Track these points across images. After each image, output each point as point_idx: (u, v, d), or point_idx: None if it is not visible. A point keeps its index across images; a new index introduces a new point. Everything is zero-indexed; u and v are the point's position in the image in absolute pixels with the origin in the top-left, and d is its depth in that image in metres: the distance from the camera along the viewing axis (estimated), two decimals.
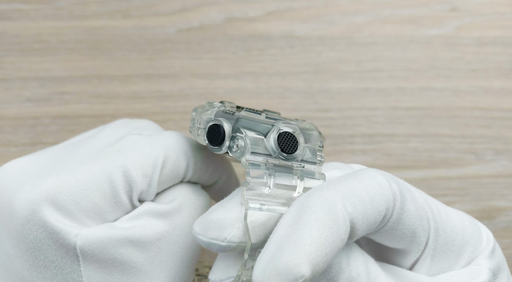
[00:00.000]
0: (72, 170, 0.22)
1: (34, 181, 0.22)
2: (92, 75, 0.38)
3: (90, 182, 0.22)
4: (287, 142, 0.22)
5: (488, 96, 0.37)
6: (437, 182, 0.36)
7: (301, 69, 0.38)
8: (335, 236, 0.18)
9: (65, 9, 0.39)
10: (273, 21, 0.38)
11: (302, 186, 0.22)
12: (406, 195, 0.21)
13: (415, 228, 0.21)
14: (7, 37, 0.38)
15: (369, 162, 0.36)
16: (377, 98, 0.37)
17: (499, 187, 0.36)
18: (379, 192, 0.20)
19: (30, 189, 0.22)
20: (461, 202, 0.36)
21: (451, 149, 0.37)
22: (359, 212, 0.19)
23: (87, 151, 0.24)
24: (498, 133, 0.37)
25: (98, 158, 0.23)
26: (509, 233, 0.35)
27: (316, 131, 0.23)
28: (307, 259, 0.17)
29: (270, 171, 0.21)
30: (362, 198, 0.19)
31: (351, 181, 0.20)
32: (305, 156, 0.22)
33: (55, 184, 0.22)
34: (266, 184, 0.21)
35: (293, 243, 0.17)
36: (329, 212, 0.18)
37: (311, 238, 0.17)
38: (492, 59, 0.38)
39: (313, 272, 0.17)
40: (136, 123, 0.27)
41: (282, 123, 0.22)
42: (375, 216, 0.20)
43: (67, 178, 0.22)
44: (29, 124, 0.37)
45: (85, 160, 0.23)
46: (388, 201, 0.20)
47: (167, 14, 0.39)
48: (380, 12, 0.38)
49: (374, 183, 0.20)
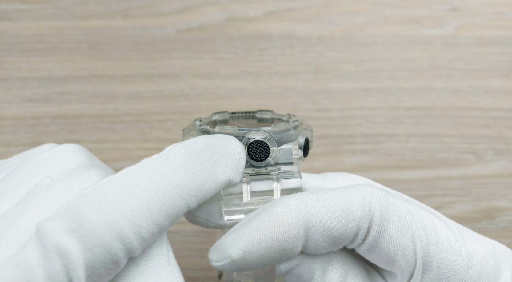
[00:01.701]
0: None
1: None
2: (92, 75, 0.38)
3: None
4: (257, 150, 0.23)
5: (488, 96, 0.37)
6: (437, 182, 0.36)
7: (301, 69, 0.38)
8: (279, 236, 0.20)
9: (65, 9, 0.39)
10: (273, 21, 0.38)
11: (279, 189, 0.23)
12: (391, 220, 0.21)
13: (395, 256, 0.21)
14: (7, 37, 0.38)
15: (369, 162, 0.36)
16: (377, 98, 0.37)
17: (499, 187, 0.36)
18: (350, 211, 0.20)
19: None
20: (461, 202, 0.36)
21: (451, 149, 0.37)
22: (318, 223, 0.20)
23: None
24: (498, 133, 0.37)
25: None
26: (509, 233, 0.35)
27: (294, 130, 0.24)
28: (240, 246, 0.20)
29: (246, 180, 0.23)
30: (328, 212, 0.20)
31: (327, 195, 0.21)
32: (279, 159, 0.23)
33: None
34: (243, 193, 0.23)
35: (238, 230, 0.20)
36: (282, 215, 0.20)
37: (253, 230, 0.20)
38: (492, 59, 0.38)
39: (242, 257, 0.20)
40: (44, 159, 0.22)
41: (253, 132, 0.23)
42: (341, 233, 0.20)
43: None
44: (29, 124, 0.37)
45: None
46: (359, 221, 0.20)
47: (167, 14, 0.39)
48: (380, 12, 0.38)
49: (348, 202, 0.21)
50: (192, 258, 0.27)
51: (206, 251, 0.33)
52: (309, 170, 0.36)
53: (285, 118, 0.26)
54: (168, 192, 0.19)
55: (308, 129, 0.26)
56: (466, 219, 0.35)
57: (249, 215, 0.21)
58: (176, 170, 0.19)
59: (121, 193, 0.18)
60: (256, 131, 0.23)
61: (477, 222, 0.35)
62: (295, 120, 0.25)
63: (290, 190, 0.23)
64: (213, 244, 0.21)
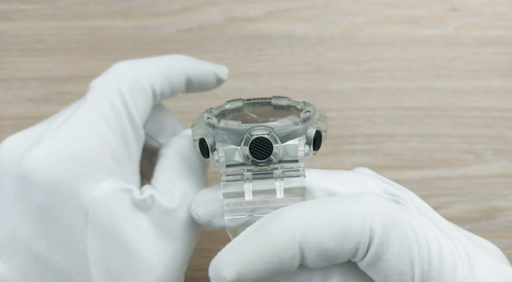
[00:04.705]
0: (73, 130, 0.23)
1: (39, 145, 0.23)
2: (92, 75, 0.38)
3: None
4: (259, 147, 0.22)
5: (488, 96, 0.37)
6: (437, 182, 0.36)
7: (301, 69, 0.38)
8: (274, 258, 0.19)
9: (65, 9, 0.39)
10: (273, 21, 0.38)
11: (282, 188, 0.22)
12: (391, 244, 0.19)
13: (390, 280, 0.20)
14: (7, 37, 0.38)
15: (369, 162, 0.36)
16: (377, 98, 0.37)
17: (499, 187, 0.36)
18: (349, 232, 0.19)
19: (35, 152, 0.22)
20: (461, 202, 0.36)
21: (451, 149, 0.37)
22: (314, 244, 0.19)
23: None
24: (498, 133, 0.37)
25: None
26: (509, 233, 0.35)
27: (303, 124, 0.23)
28: (234, 268, 0.19)
29: (248, 179, 0.22)
30: (325, 233, 0.19)
31: (326, 210, 0.20)
32: (283, 156, 0.22)
33: (58, 145, 0.23)
34: (244, 192, 0.22)
35: (233, 249, 0.20)
36: (277, 236, 0.19)
37: (247, 252, 0.19)
38: (492, 59, 0.38)
39: (237, 279, 0.19)
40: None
41: (257, 128, 0.22)
42: (338, 253, 0.20)
43: (71, 139, 0.23)
44: (29, 124, 0.37)
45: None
46: (358, 242, 0.19)
47: (167, 14, 0.39)
48: (380, 12, 0.38)
49: (348, 221, 0.20)
50: (192, 258, 0.27)
51: (206, 251, 0.33)
52: None
53: (300, 106, 0.25)
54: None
55: (322, 120, 0.24)
56: (466, 219, 0.35)
57: (246, 231, 0.20)
58: None
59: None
60: (259, 127, 0.22)
61: (477, 222, 0.36)
62: (307, 111, 0.24)
63: (293, 189, 0.22)
64: (214, 258, 0.20)
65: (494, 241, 0.34)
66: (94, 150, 0.23)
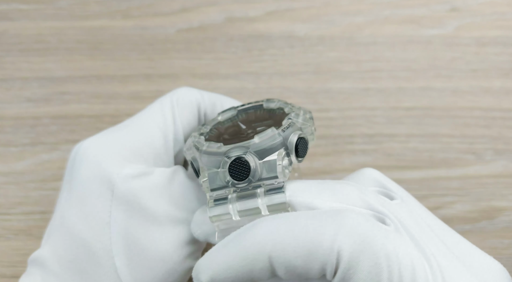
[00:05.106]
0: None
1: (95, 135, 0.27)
2: (92, 75, 0.38)
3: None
4: (237, 169, 0.22)
5: (488, 96, 0.37)
6: (437, 182, 0.36)
7: (301, 69, 0.38)
8: (245, 268, 0.20)
9: (65, 9, 0.39)
10: (273, 21, 0.38)
11: (265, 205, 0.22)
12: (359, 270, 0.19)
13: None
14: (7, 37, 0.38)
15: (369, 162, 0.36)
16: (377, 98, 0.37)
17: (499, 187, 0.36)
18: (316, 253, 0.20)
19: (87, 140, 0.26)
20: (461, 202, 0.36)
21: (451, 149, 0.37)
22: (283, 260, 0.20)
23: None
24: (498, 133, 0.37)
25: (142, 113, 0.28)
26: (509, 233, 0.35)
27: (284, 133, 0.23)
28: (208, 273, 0.21)
29: (232, 200, 0.22)
30: (293, 250, 0.20)
31: (298, 227, 0.20)
32: (263, 174, 0.23)
33: (108, 134, 0.27)
34: (231, 214, 0.23)
35: (210, 256, 0.21)
36: (249, 247, 0.20)
37: (221, 260, 0.21)
38: (492, 59, 0.38)
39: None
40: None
41: (234, 149, 0.23)
42: (306, 271, 0.20)
43: (118, 130, 0.27)
44: (29, 124, 0.37)
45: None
46: (325, 264, 0.20)
47: (167, 14, 0.39)
48: (380, 12, 0.38)
49: (317, 241, 0.20)
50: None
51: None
52: (309, 170, 0.36)
53: (287, 109, 0.25)
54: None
55: (307, 123, 0.24)
56: (466, 219, 0.35)
57: (225, 239, 0.21)
58: None
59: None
60: (236, 148, 0.23)
61: (477, 222, 0.35)
62: (289, 118, 0.24)
63: (276, 205, 0.22)
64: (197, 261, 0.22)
65: (494, 241, 0.34)
66: (137, 141, 0.26)
